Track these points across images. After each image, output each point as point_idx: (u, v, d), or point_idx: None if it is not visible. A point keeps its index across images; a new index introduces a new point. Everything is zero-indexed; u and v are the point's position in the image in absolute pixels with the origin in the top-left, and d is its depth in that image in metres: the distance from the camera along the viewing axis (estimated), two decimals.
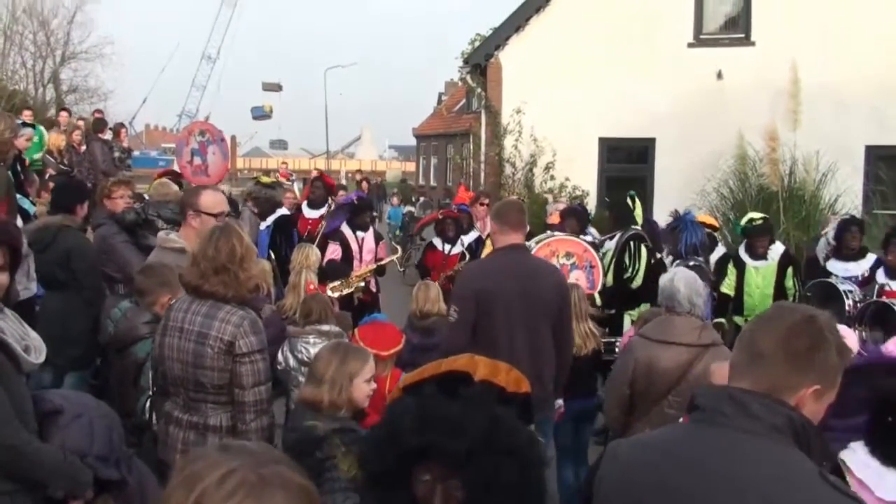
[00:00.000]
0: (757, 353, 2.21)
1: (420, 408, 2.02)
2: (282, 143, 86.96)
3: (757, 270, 8.66)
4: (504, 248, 5.35)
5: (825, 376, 2.16)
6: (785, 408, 2.11)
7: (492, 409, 2.01)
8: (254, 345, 3.90)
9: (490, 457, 1.91)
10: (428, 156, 45.85)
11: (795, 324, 2.20)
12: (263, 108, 68.92)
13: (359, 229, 9.69)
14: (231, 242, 3.95)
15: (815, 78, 13.23)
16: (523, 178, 16.34)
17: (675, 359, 4.92)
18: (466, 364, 2.19)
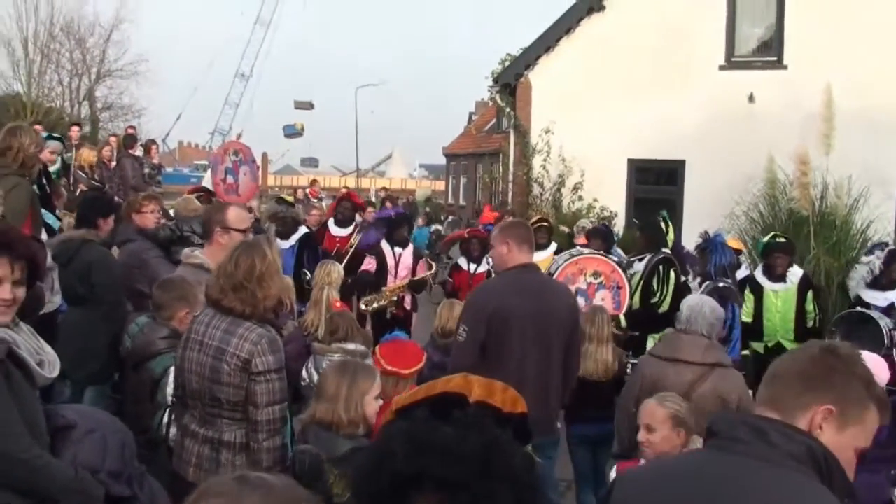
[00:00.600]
0: (774, 377, 2.21)
1: (411, 433, 1.94)
2: (313, 161, 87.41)
3: (776, 294, 8.55)
4: (515, 267, 5.29)
5: (843, 401, 2.13)
6: (804, 436, 2.08)
7: (487, 432, 1.93)
8: (270, 364, 3.88)
9: (486, 483, 1.83)
10: (457, 175, 45.89)
11: (814, 351, 2.22)
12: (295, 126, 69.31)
13: (397, 245, 9.72)
14: (251, 260, 3.94)
15: (847, 102, 13.06)
16: (551, 198, 16.28)
17: (681, 377, 4.89)
18: (461, 385, 2.14)
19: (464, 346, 5.11)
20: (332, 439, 3.87)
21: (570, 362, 5.35)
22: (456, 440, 1.87)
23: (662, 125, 15.03)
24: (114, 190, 13.96)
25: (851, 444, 2.17)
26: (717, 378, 4.91)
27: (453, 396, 2.09)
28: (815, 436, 2.11)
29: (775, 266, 8.60)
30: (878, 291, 8.61)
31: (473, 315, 5.17)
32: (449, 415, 1.97)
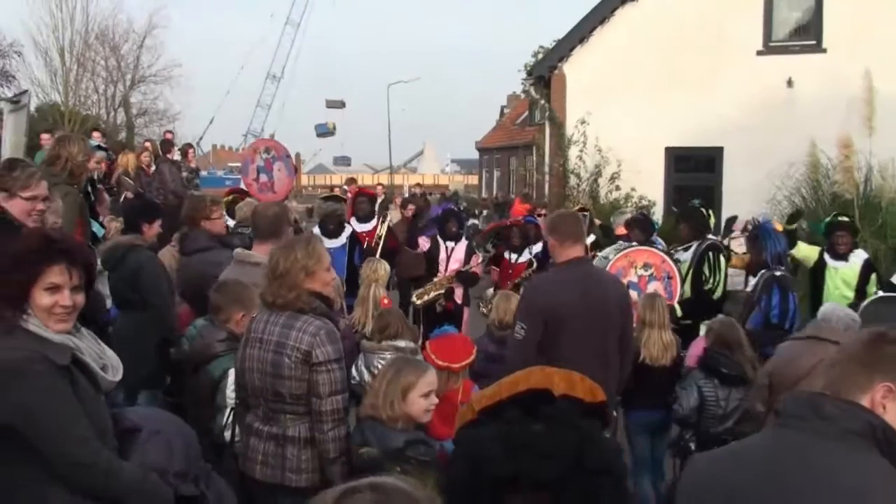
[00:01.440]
0: (829, 365, 2.29)
1: (507, 434, 1.95)
2: (345, 160, 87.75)
3: (837, 271, 8.42)
4: (567, 261, 5.27)
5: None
6: (862, 411, 2.13)
7: (578, 426, 1.94)
8: (330, 354, 3.93)
9: (584, 478, 1.85)
10: (491, 168, 45.89)
11: (864, 337, 2.32)
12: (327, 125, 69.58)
13: (449, 239, 9.83)
14: (278, 257, 4.05)
15: (888, 84, 12.89)
16: (588, 188, 16.21)
17: (817, 354, 4.85)
18: (542, 379, 2.12)
19: (522, 343, 5.11)
20: (385, 432, 3.89)
21: (624, 352, 5.33)
22: (549, 439, 1.88)
23: (699, 113, 14.92)
24: (153, 195, 14.07)
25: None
26: None
27: (538, 392, 2.07)
28: (877, 413, 2.15)
29: (838, 244, 8.49)
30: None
31: (530, 313, 5.15)
32: (537, 411, 1.98)
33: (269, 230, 5.40)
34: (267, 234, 5.38)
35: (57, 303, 3.01)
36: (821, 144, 13.12)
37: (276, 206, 5.70)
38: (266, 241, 5.31)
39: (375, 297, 6.80)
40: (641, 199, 15.58)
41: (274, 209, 5.53)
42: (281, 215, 5.44)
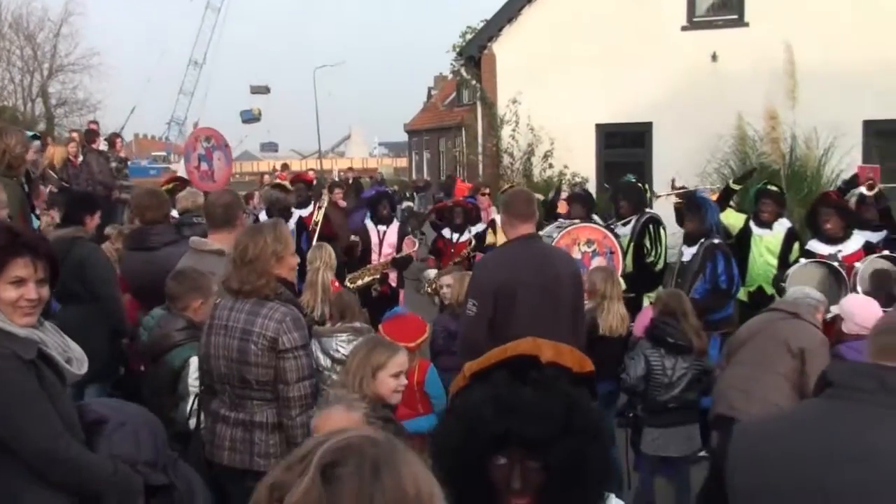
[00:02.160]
0: (882, 330, 2.26)
1: (497, 396, 2.02)
2: (272, 146, 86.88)
3: (761, 239, 8.65)
4: (518, 238, 5.32)
5: None
6: None
7: (566, 391, 2.02)
8: (297, 340, 3.96)
9: (571, 439, 1.92)
10: (420, 151, 45.85)
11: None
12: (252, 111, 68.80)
13: (381, 223, 9.79)
14: (246, 241, 4.03)
15: (809, 55, 13.28)
16: (521, 167, 16.34)
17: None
18: (531, 347, 2.18)
19: (474, 320, 5.13)
20: None
21: (576, 327, 5.39)
22: (538, 401, 1.96)
23: (628, 89, 15.13)
24: (81, 187, 13.76)
25: None
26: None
27: (526, 358, 2.13)
28: None
29: (762, 212, 8.69)
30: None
31: (481, 290, 5.18)
32: (525, 376, 2.05)
33: (224, 219, 5.36)
34: (221, 223, 5.34)
35: (22, 296, 2.97)
36: (747, 117, 13.45)
37: (229, 194, 5.65)
38: (220, 230, 5.29)
39: (324, 282, 6.81)
40: (574, 177, 15.74)
41: (227, 198, 5.49)
42: (234, 204, 5.41)
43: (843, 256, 7.68)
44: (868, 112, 14.20)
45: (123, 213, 13.53)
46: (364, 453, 1.49)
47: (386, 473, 1.47)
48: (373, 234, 9.73)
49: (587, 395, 2.08)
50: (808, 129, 12.73)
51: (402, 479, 1.48)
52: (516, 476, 1.94)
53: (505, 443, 1.95)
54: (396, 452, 1.53)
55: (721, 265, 7.52)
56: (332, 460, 1.47)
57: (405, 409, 5.27)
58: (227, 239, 5.20)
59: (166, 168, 50.98)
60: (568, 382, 2.07)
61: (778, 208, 8.76)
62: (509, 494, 1.96)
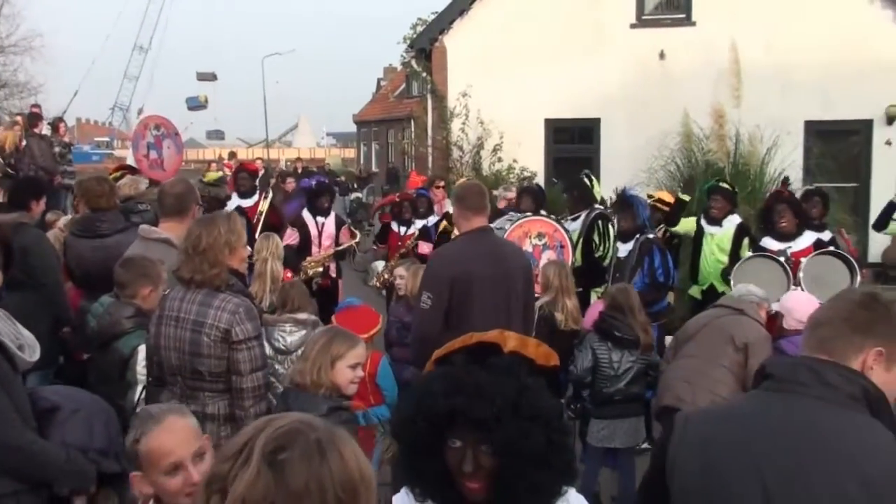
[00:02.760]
0: (819, 323, 2.35)
1: (449, 374, 2.08)
2: (218, 134, 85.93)
3: (712, 237, 8.79)
4: (471, 231, 5.34)
5: (890, 343, 2.28)
6: (859, 377, 2.22)
7: (520, 377, 2.06)
8: (250, 331, 3.94)
9: (517, 422, 1.96)
10: (369, 142, 45.69)
11: (856, 297, 2.39)
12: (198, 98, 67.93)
13: (319, 214, 9.72)
14: (199, 231, 4.01)
15: (754, 55, 13.54)
16: (471, 160, 16.39)
17: None
18: (496, 337, 2.23)
19: (429, 313, 5.14)
20: (310, 399, 3.92)
21: (528, 321, 5.45)
22: (489, 382, 2.00)
23: (577, 85, 15.25)
24: (24, 172, 13.48)
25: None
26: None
27: (489, 345, 2.18)
28: (867, 376, 2.24)
29: (711, 208, 8.84)
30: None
31: (436, 282, 5.19)
32: (485, 361, 2.09)
33: (176, 208, 5.28)
34: (173, 212, 5.27)
35: None
36: (693, 114, 13.65)
37: (183, 183, 5.57)
38: (171, 219, 5.23)
39: (273, 272, 6.78)
40: (523, 171, 15.85)
41: (180, 187, 5.41)
42: (187, 193, 5.33)
43: (792, 252, 7.85)
44: (810, 112, 14.55)
45: (66, 199, 13.29)
46: (308, 436, 1.49)
47: (331, 455, 1.48)
48: (311, 226, 9.68)
49: (543, 384, 2.10)
50: (753, 128, 12.96)
51: (347, 460, 1.50)
52: (468, 459, 1.98)
53: (455, 422, 1.99)
54: (335, 434, 1.55)
55: (658, 259, 7.70)
56: (276, 446, 1.47)
57: (356, 400, 5.29)
58: (177, 228, 5.15)
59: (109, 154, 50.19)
60: (526, 371, 2.11)
61: (728, 205, 8.91)
62: (462, 477, 1.99)
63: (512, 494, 1.98)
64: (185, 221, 5.15)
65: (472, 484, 1.99)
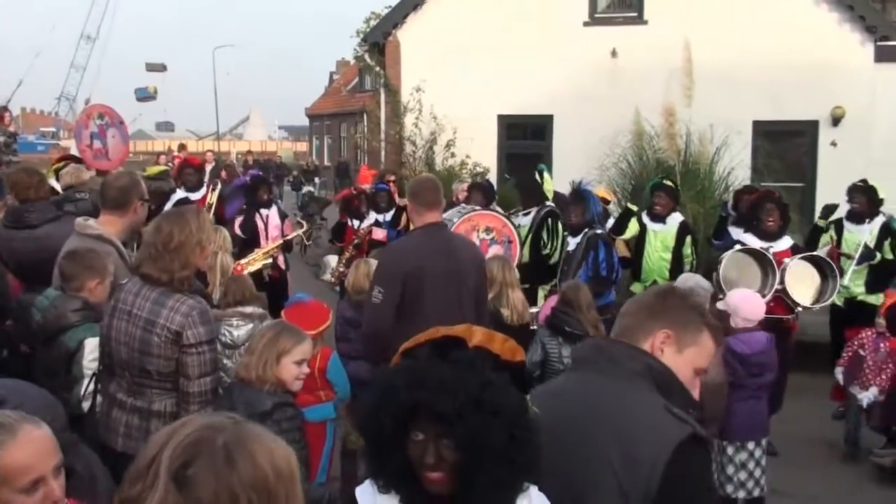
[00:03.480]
0: (624, 313, 2.62)
1: (412, 368, 2.08)
2: (168, 125, 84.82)
3: (655, 234, 8.90)
4: (424, 226, 5.34)
5: (680, 327, 2.52)
6: (644, 355, 2.45)
7: (484, 372, 2.06)
8: (202, 335, 3.85)
9: (479, 417, 1.96)
10: (321, 135, 45.47)
11: (656, 289, 2.72)
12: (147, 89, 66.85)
13: (261, 207, 9.68)
14: (171, 228, 3.91)
15: (705, 55, 13.68)
16: (424, 155, 16.39)
17: None
18: (462, 331, 2.22)
19: (380, 307, 5.12)
20: (255, 394, 3.89)
21: (481, 317, 5.41)
22: (453, 376, 2.00)
23: (530, 81, 15.32)
24: None
25: (690, 364, 2.52)
26: None
27: (454, 340, 2.18)
28: (655, 356, 2.47)
29: (655, 205, 8.96)
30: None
31: (388, 277, 5.17)
32: (449, 356, 2.10)
33: (118, 201, 5.12)
34: (114, 205, 5.10)
35: None
36: (644, 113, 13.78)
37: (128, 177, 5.43)
38: (112, 213, 5.07)
39: (223, 265, 6.72)
40: (476, 166, 15.88)
41: (124, 180, 5.26)
42: (131, 187, 5.18)
43: (774, 252, 8.00)
44: (758, 113, 14.77)
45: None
46: (213, 444, 1.47)
47: (240, 457, 1.46)
48: (257, 218, 9.63)
49: (507, 380, 2.10)
50: (703, 127, 13.12)
51: (258, 459, 1.48)
52: (430, 452, 1.98)
53: (418, 416, 1.99)
54: (246, 433, 1.52)
55: (602, 254, 7.80)
56: (181, 462, 1.44)
57: (307, 395, 5.26)
58: (116, 223, 5.04)
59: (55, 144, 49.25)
60: (490, 366, 2.11)
61: (672, 202, 9.03)
62: (423, 470, 2.00)
63: (473, 488, 1.99)
64: (127, 216, 5.05)
65: (434, 476, 2.00)
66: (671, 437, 2.20)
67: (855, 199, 9.08)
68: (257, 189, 9.87)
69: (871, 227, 8.95)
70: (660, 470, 2.17)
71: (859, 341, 7.72)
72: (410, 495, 2.06)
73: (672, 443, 2.19)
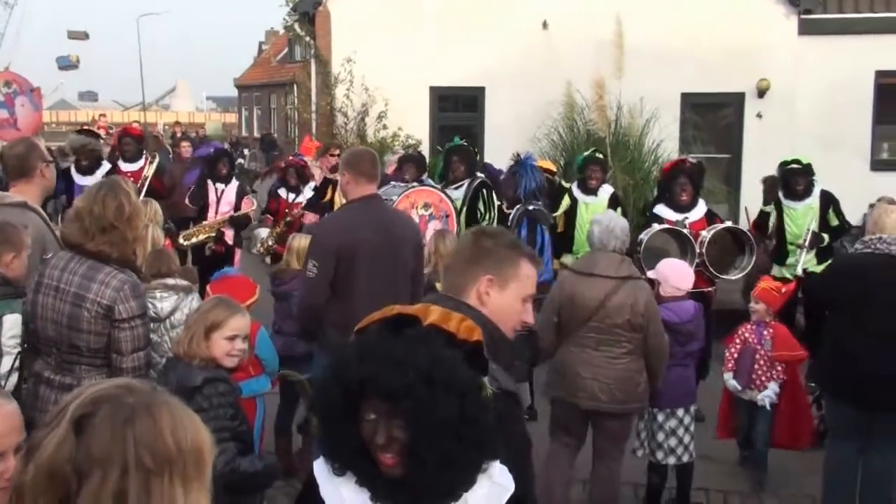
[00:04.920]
0: (446, 268, 2.79)
1: (362, 343, 2.08)
2: (91, 95, 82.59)
3: (587, 206, 8.97)
4: (360, 199, 5.28)
5: (497, 267, 2.65)
6: (465, 307, 2.53)
7: (434, 347, 2.04)
8: (134, 310, 3.79)
9: (429, 392, 1.93)
10: (250, 106, 44.76)
11: (469, 237, 2.84)
12: (69, 57, 64.75)
13: (218, 181, 9.51)
14: (119, 200, 3.80)
15: (637, 29, 13.77)
16: (356, 127, 16.24)
17: (594, 288, 5.40)
18: (418, 310, 2.21)
19: (314, 282, 5.08)
20: (186, 369, 3.83)
21: (417, 292, 5.37)
22: (403, 351, 1.99)
23: (462, 53, 15.22)
24: None
25: (517, 296, 2.67)
26: (627, 289, 5.47)
27: (408, 317, 2.17)
28: (483, 304, 2.62)
29: (589, 178, 9.03)
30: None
31: (322, 250, 5.12)
32: (401, 332, 2.09)
33: (20, 170, 4.95)
34: (17, 175, 4.96)
35: None
36: (576, 85, 13.85)
37: (23, 143, 5.27)
38: (18, 182, 4.95)
39: (154, 238, 6.58)
40: (408, 138, 15.79)
41: (20, 148, 5.08)
42: (28, 153, 5.00)
43: (689, 223, 8.10)
44: (686, 85, 14.94)
45: None
46: (120, 401, 1.49)
47: (141, 419, 1.47)
48: (210, 191, 9.50)
49: (459, 356, 2.07)
50: (633, 100, 13.24)
51: (161, 427, 1.49)
52: (381, 431, 1.96)
53: (369, 394, 1.97)
54: (157, 400, 1.54)
55: (524, 231, 7.86)
56: (85, 412, 1.47)
57: (239, 372, 5.19)
58: (27, 190, 4.93)
59: None
60: (443, 343, 2.08)
61: (604, 175, 9.12)
62: (376, 450, 1.98)
63: (424, 467, 1.96)
64: (34, 182, 4.96)
65: (386, 457, 1.97)
66: None
67: (798, 182, 9.11)
68: (217, 162, 9.79)
69: (812, 202, 9.08)
70: None
71: (741, 338, 6.76)
72: (366, 478, 2.04)
73: None
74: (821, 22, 15.14)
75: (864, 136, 15.38)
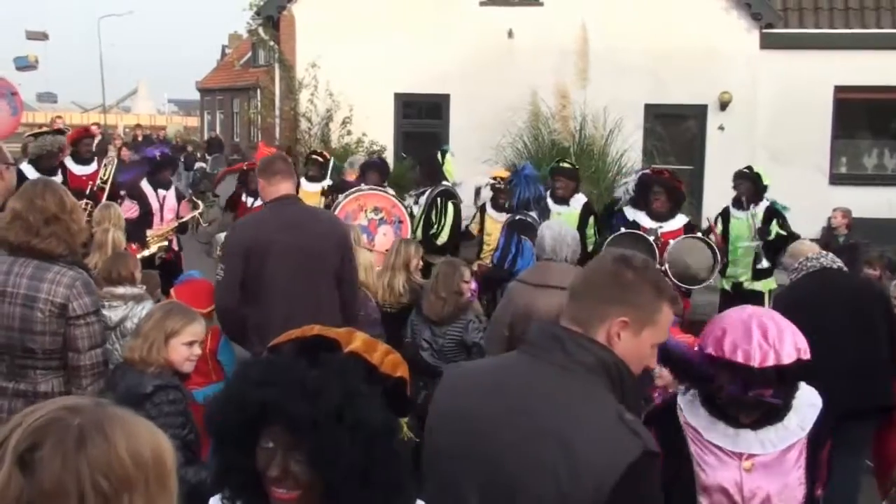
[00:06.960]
0: (574, 293, 2.39)
1: (272, 362, 1.89)
2: (50, 97, 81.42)
3: (559, 216, 8.96)
4: (273, 200, 5.11)
5: (637, 310, 2.31)
6: (597, 347, 2.26)
7: (350, 380, 1.84)
8: (88, 306, 3.72)
9: (336, 430, 1.75)
10: (213, 110, 44.44)
11: (608, 264, 2.41)
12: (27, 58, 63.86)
13: (160, 187, 9.35)
14: (58, 192, 3.72)
15: (601, 39, 13.87)
16: (320, 133, 16.16)
17: (550, 301, 5.15)
18: (342, 334, 2.01)
19: (222, 284, 4.96)
20: (136, 377, 3.76)
21: (345, 295, 5.22)
22: (315, 379, 1.79)
23: (426, 60, 15.24)
24: None
25: (648, 342, 2.35)
26: None
27: (327, 341, 1.97)
28: (612, 345, 2.28)
29: (556, 188, 9.03)
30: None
31: (229, 252, 5.02)
32: (317, 358, 1.89)
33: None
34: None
35: None
36: (540, 93, 13.89)
37: None
38: None
39: (115, 242, 6.49)
40: (372, 144, 15.75)
41: None
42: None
43: (662, 233, 8.10)
44: (650, 96, 15.07)
45: None
46: (66, 426, 1.37)
47: (93, 441, 1.37)
48: (152, 198, 9.32)
49: (378, 393, 1.90)
50: (598, 109, 13.31)
51: (115, 443, 1.38)
52: (276, 462, 1.78)
53: (269, 420, 1.79)
54: (106, 416, 1.42)
55: (502, 240, 7.88)
56: (29, 444, 1.35)
57: (198, 377, 5.11)
58: None
59: None
60: (362, 376, 1.89)
61: (573, 184, 9.13)
62: (270, 483, 1.80)
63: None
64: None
65: (279, 491, 1.79)
66: (621, 457, 2.04)
67: (741, 185, 9.22)
68: (164, 168, 9.57)
69: (756, 211, 9.13)
70: (605, 493, 2.01)
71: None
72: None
73: (622, 464, 2.03)
74: (782, 36, 15.37)
75: (823, 149, 15.64)
